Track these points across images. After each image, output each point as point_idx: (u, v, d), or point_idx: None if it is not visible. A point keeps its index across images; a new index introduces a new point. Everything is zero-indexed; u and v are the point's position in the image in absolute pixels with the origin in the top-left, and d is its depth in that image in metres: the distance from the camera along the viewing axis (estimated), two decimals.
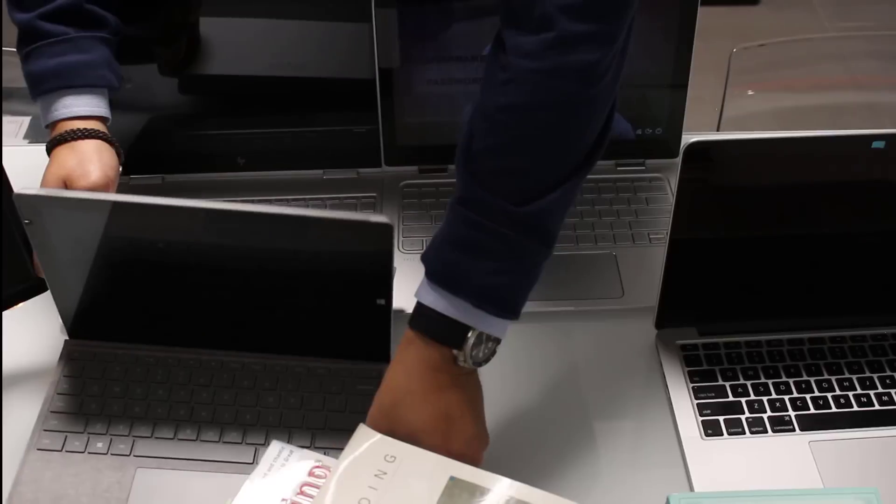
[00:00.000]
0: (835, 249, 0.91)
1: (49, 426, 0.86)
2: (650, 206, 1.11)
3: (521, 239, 0.73)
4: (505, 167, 0.73)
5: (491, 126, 0.73)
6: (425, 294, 0.75)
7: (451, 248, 0.74)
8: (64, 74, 0.91)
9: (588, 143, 0.74)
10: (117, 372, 0.89)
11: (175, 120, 1.12)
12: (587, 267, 1.03)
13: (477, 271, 0.73)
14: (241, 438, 0.85)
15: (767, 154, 0.85)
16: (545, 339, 0.97)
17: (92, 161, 0.90)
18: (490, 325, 0.75)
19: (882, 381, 0.90)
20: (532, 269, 0.76)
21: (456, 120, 1.11)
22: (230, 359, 0.90)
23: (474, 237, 0.73)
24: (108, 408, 0.87)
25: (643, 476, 0.85)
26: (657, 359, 0.93)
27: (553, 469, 0.85)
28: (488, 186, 0.73)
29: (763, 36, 1.61)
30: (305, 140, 1.13)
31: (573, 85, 0.70)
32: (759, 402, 0.88)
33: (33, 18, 0.91)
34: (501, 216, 0.72)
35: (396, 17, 1.04)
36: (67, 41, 0.92)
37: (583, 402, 0.91)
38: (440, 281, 0.74)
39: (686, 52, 1.06)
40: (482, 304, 0.74)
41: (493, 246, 0.73)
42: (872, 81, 1.72)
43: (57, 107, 0.92)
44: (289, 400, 0.87)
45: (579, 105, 0.72)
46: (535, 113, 0.71)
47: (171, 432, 0.86)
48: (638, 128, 1.12)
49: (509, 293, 0.75)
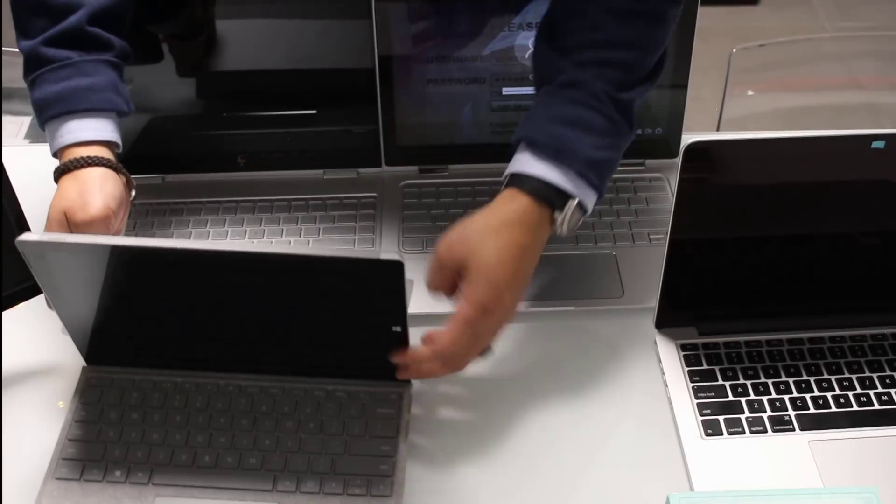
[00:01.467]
0: (835, 249, 0.91)
1: (67, 454, 0.84)
2: (650, 206, 1.11)
3: (619, 118, 0.84)
4: (608, 59, 0.84)
5: (597, 23, 0.84)
6: (529, 166, 0.82)
7: (558, 125, 0.83)
8: (67, 99, 0.89)
9: (658, 55, 0.88)
10: (135, 398, 0.87)
11: (175, 120, 1.12)
12: (587, 267, 1.03)
13: (583, 144, 0.82)
14: (261, 465, 0.83)
15: (767, 154, 0.85)
16: (545, 339, 0.97)
17: (93, 192, 0.87)
18: (586, 196, 0.83)
19: (882, 380, 0.90)
20: (620, 151, 0.86)
21: (456, 120, 1.11)
22: (248, 383, 0.88)
23: (581, 114, 0.83)
24: (126, 434, 0.85)
25: (643, 476, 0.85)
26: (657, 359, 0.93)
27: (553, 469, 0.85)
28: (594, 74, 0.83)
29: (763, 36, 1.61)
30: (305, 140, 1.13)
31: (668, 1, 0.86)
32: (759, 402, 0.88)
33: (36, 45, 0.90)
34: (607, 97, 0.83)
35: (396, 15, 1.04)
36: (70, 65, 0.90)
37: (583, 402, 0.91)
38: (547, 152, 0.82)
39: (686, 52, 1.06)
40: (586, 173, 0.82)
41: (599, 123, 0.83)
42: (872, 81, 1.72)
43: (62, 133, 0.90)
44: (308, 425, 0.85)
45: (673, 18, 0.87)
46: (639, 19, 0.84)
47: (189, 459, 0.84)
48: (638, 128, 1.12)
49: (606, 168, 0.85)
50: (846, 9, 2.95)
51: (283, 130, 1.13)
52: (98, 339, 0.87)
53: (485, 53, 1.07)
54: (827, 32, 2.84)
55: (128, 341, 0.88)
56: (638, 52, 0.85)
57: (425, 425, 0.88)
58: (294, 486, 0.82)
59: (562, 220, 0.82)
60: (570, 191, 0.82)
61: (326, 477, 0.82)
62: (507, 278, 0.80)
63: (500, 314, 0.81)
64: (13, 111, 1.42)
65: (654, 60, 0.87)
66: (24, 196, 0.89)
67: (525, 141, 0.83)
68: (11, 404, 0.91)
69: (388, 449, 0.84)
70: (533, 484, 0.84)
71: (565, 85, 0.84)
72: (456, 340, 0.80)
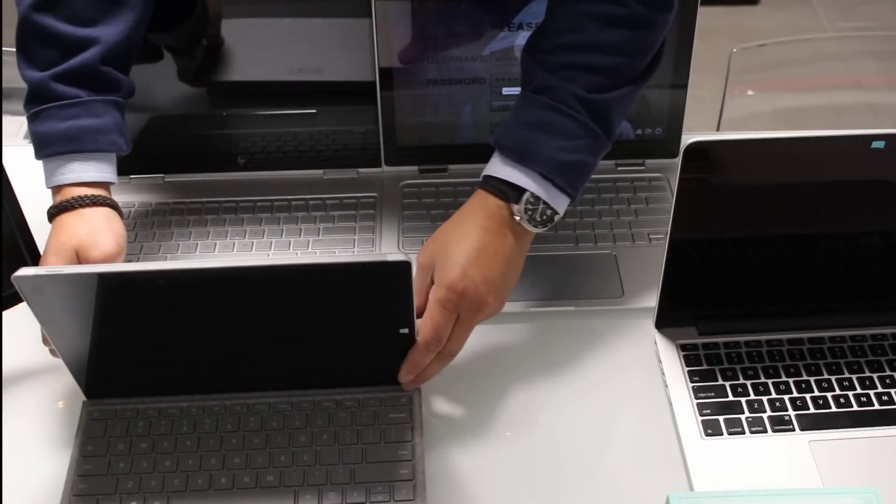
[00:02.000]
0: (835, 249, 0.91)
1: (79, 491, 0.82)
2: (650, 206, 1.11)
3: (588, 122, 0.85)
4: (583, 63, 0.85)
5: (576, 27, 0.85)
6: (497, 169, 0.86)
7: (524, 128, 0.85)
8: (74, 139, 0.89)
9: (649, 58, 0.88)
10: (141, 427, 0.86)
11: (175, 120, 1.12)
12: (587, 267, 1.03)
13: (548, 147, 0.84)
14: (279, 482, 0.82)
15: (767, 154, 0.85)
16: (545, 339, 0.97)
17: (103, 230, 0.87)
18: (554, 198, 0.85)
19: (882, 380, 0.90)
20: (594, 155, 0.87)
21: (456, 120, 1.11)
22: (255, 400, 0.87)
23: (548, 118, 0.85)
24: (137, 465, 0.83)
25: (643, 476, 0.85)
26: (657, 359, 0.93)
27: (553, 469, 0.85)
28: (564, 77, 0.85)
29: (763, 36, 1.61)
30: (305, 140, 1.13)
31: (658, 8, 0.85)
32: (759, 402, 0.88)
33: (46, 79, 0.89)
34: (574, 101, 0.84)
35: (396, 15, 1.04)
36: (80, 104, 0.89)
37: (583, 402, 0.91)
38: (511, 155, 0.85)
39: (686, 52, 1.06)
40: (550, 174, 0.84)
41: (565, 126, 0.85)
42: (872, 81, 1.72)
43: (64, 171, 0.89)
44: (321, 437, 0.85)
45: (660, 24, 0.86)
46: (623, 25, 0.85)
47: (205, 483, 0.82)
48: (638, 128, 1.13)
49: (576, 170, 0.86)
50: (846, 9, 2.95)
51: (283, 130, 1.13)
52: (98, 372, 0.86)
53: (485, 53, 1.07)
54: (827, 32, 2.84)
55: (129, 371, 0.87)
56: (621, 57, 0.85)
57: (436, 427, 0.89)
58: (316, 499, 0.81)
59: (519, 212, 0.85)
60: (526, 186, 0.84)
61: (348, 487, 0.81)
62: (470, 256, 0.83)
63: (474, 293, 0.83)
64: (13, 111, 1.41)
65: (643, 63, 0.88)
66: (24, 196, 0.89)
67: (496, 145, 0.87)
68: (11, 404, 0.91)
69: (405, 453, 0.84)
70: (533, 483, 0.84)
71: (536, 90, 0.86)
72: (436, 324, 0.83)
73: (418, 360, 0.84)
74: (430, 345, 0.83)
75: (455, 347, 0.85)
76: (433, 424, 0.89)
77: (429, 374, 0.86)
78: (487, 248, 0.84)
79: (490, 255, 0.84)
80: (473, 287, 0.83)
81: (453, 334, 0.84)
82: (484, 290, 0.83)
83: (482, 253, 0.84)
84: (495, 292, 0.84)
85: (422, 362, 0.85)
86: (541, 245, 1.05)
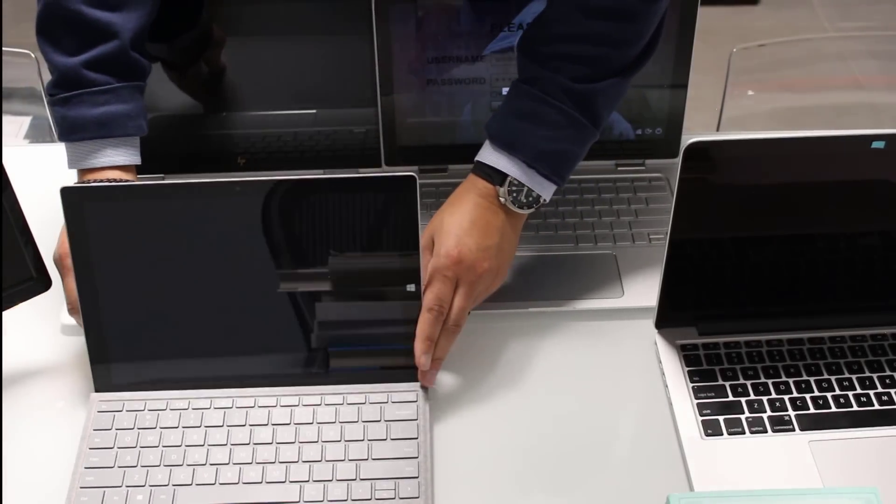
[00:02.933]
0: (835, 249, 0.91)
1: (85, 483, 0.82)
2: (650, 206, 1.11)
3: (574, 112, 0.88)
4: (571, 53, 0.88)
5: (566, 18, 0.88)
6: (486, 155, 0.91)
7: (513, 118, 0.90)
8: (106, 125, 0.92)
9: (638, 49, 0.90)
10: (149, 420, 0.86)
11: (175, 120, 1.12)
12: (587, 267, 1.03)
13: (533, 136, 0.89)
14: (285, 476, 0.82)
15: (767, 154, 0.85)
16: (545, 339, 0.97)
17: None
18: (539, 185, 0.90)
19: (882, 380, 0.90)
20: (580, 144, 0.91)
21: (456, 120, 1.11)
22: (263, 395, 0.88)
23: (535, 108, 0.89)
24: (143, 458, 0.84)
25: (643, 476, 0.85)
26: (657, 359, 0.93)
27: (553, 469, 0.85)
28: (553, 68, 0.88)
29: (763, 36, 1.61)
30: (306, 140, 1.13)
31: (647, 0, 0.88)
32: (759, 402, 0.88)
33: (78, 66, 0.90)
34: (561, 92, 0.88)
35: (397, 15, 1.04)
36: (110, 91, 0.92)
37: (583, 402, 0.91)
38: (499, 143, 0.90)
39: (686, 52, 1.06)
40: (534, 162, 0.89)
41: (551, 117, 0.88)
42: (872, 81, 1.72)
43: (97, 155, 0.93)
44: (328, 433, 0.85)
45: (648, 15, 0.88)
46: (609, 15, 0.87)
47: (211, 477, 0.82)
48: (638, 128, 1.13)
49: (561, 159, 0.90)
50: (846, 9, 2.95)
51: (283, 130, 1.13)
52: (113, 358, 0.88)
53: (485, 53, 1.07)
54: (827, 32, 2.84)
55: (140, 362, 0.88)
56: (607, 47, 0.88)
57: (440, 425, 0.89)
58: (321, 495, 0.81)
59: (504, 194, 0.90)
60: (511, 173, 0.89)
61: (353, 483, 0.82)
62: (464, 226, 0.89)
63: (470, 259, 0.88)
64: (13, 111, 1.41)
65: (632, 54, 0.90)
66: (25, 196, 0.89)
67: (487, 132, 0.92)
68: (11, 404, 0.91)
69: (410, 451, 0.84)
70: (531, 483, 0.85)
71: (526, 80, 0.90)
72: (436, 290, 0.87)
73: (426, 330, 0.87)
74: (433, 310, 0.87)
75: (459, 317, 0.88)
76: (438, 422, 0.89)
77: (441, 352, 0.88)
78: (480, 220, 0.90)
79: (483, 225, 0.90)
80: (469, 253, 0.88)
81: (454, 303, 0.88)
82: (479, 256, 0.88)
83: (475, 223, 0.89)
84: (490, 259, 0.89)
85: (430, 332, 0.87)
86: (541, 245, 1.05)
